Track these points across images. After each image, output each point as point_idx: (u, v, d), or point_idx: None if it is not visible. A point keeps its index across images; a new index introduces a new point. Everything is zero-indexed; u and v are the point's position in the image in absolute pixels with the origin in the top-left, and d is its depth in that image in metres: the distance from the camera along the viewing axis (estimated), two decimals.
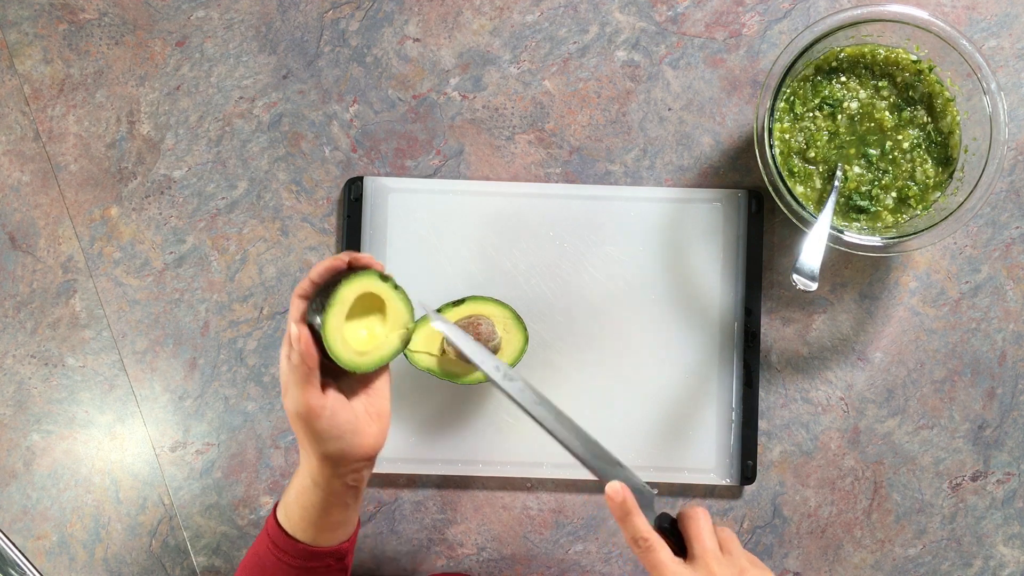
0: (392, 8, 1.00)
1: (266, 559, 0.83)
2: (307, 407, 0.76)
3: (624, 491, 0.76)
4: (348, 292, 0.79)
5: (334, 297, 0.78)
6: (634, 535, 0.76)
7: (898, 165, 0.94)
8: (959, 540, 0.99)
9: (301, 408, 0.77)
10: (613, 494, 0.76)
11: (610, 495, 0.76)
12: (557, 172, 1.00)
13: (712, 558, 0.75)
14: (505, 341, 0.95)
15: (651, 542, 0.75)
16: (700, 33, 1.00)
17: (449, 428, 0.98)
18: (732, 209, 0.99)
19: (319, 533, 0.81)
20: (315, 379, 0.77)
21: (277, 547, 0.82)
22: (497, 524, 1.00)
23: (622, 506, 0.76)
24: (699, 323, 0.99)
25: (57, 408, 1.00)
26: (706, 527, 0.77)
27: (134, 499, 1.00)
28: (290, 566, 0.81)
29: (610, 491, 0.76)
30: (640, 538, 0.76)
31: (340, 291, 0.78)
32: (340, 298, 0.78)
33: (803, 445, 0.99)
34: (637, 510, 0.76)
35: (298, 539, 0.81)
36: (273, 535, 0.82)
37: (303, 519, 0.81)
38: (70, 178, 1.00)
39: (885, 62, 0.94)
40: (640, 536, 0.76)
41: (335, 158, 1.00)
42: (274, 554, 0.82)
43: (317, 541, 0.81)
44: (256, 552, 0.84)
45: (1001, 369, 0.99)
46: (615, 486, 0.76)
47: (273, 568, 0.82)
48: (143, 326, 1.00)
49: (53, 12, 1.00)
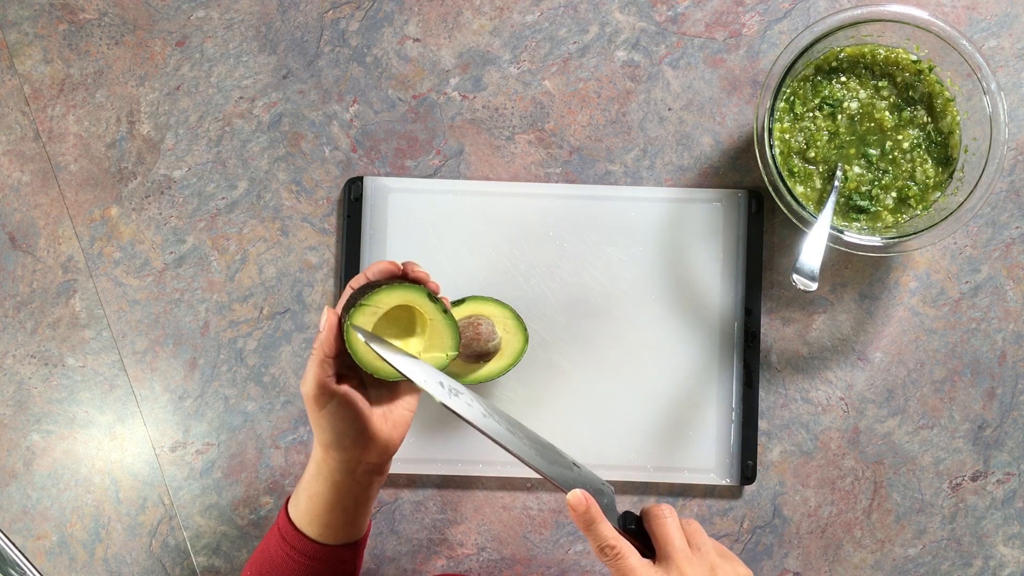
0: (392, 8, 1.00)
1: (274, 553, 0.83)
2: (314, 389, 0.77)
3: (587, 499, 0.74)
4: (387, 297, 0.79)
5: (370, 296, 0.78)
6: (600, 544, 0.73)
7: (898, 165, 0.94)
8: (959, 540, 0.99)
9: (308, 389, 0.78)
10: (576, 503, 0.74)
11: (572, 504, 0.74)
12: (557, 172, 1.00)
13: (683, 558, 0.73)
14: (505, 341, 0.95)
15: (619, 549, 0.73)
16: (700, 33, 1.00)
17: (449, 428, 0.98)
18: (732, 209, 0.99)
19: (324, 529, 0.81)
20: (328, 367, 0.77)
21: (284, 540, 0.82)
22: (497, 524, 1.00)
23: (585, 516, 0.74)
24: (699, 323, 0.99)
25: (57, 408, 1.00)
26: (673, 525, 0.75)
27: (134, 499, 1.00)
28: (296, 561, 0.82)
29: (572, 500, 0.74)
30: (607, 546, 0.73)
31: (379, 293, 0.79)
32: (376, 299, 0.78)
33: (803, 445, 0.99)
34: (602, 517, 0.74)
35: (305, 534, 0.81)
36: (282, 527, 0.82)
37: (309, 511, 0.81)
38: (70, 178, 1.00)
39: (885, 62, 0.94)
40: (607, 544, 0.73)
41: (335, 158, 1.00)
42: (281, 548, 0.82)
43: (323, 537, 0.81)
44: (266, 546, 0.84)
45: (1001, 369, 0.99)
46: (577, 495, 0.74)
47: (280, 563, 0.82)
48: (143, 326, 1.00)
49: (53, 12, 1.00)
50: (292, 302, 1.00)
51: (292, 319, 0.99)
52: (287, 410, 0.99)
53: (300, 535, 0.81)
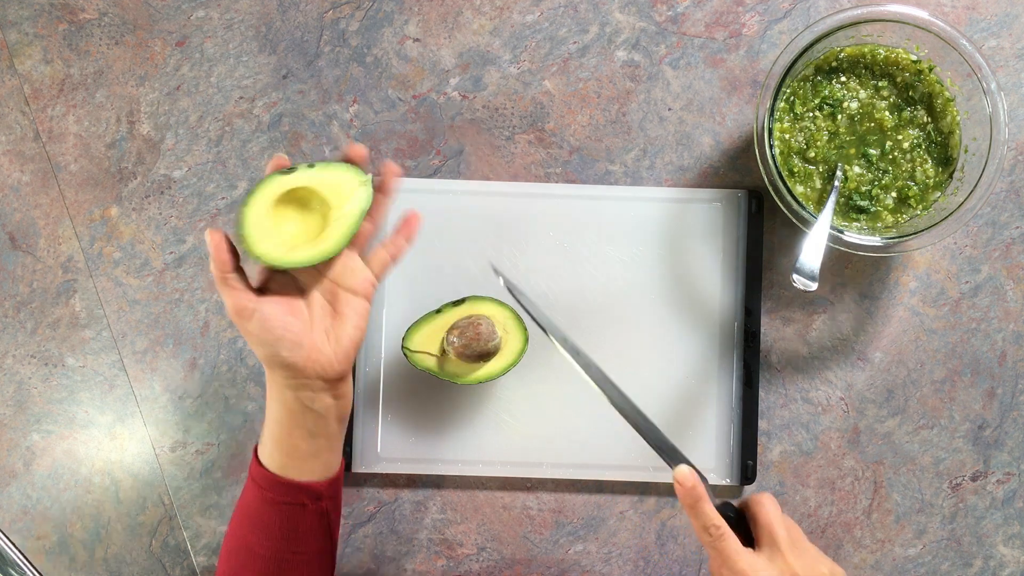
0: (392, 8, 1.00)
1: (248, 495, 0.81)
2: (232, 308, 0.76)
3: (693, 476, 0.74)
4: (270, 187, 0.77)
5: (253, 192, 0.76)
6: (705, 523, 0.73)
7: (898, 165, 0.94)
8: (959, 540, 0.99)
9: (229, 309, 0.77)
10: (683, 479, 0.74)
11: (679, 480, 0.74)
12: (557, 172, 1.00)
13: (787, 547, 0.72)
14: (505, 341, 0.95)
15: (723, 530, 0.73)
16: (700, 33, 1.00)
17: (449, 428, 0.98)
18: (732, 209, 0.99)
19: (287, 459, 0.79)
20: (236, 282, 0.77)
21: (252, 478, 0.80)
22: (497, 524, 1.00)
23: (692, 492, 0.73)
24: (699, 323, 0.99)
25: (57, 408, 1.00)
26: (776, 514, 0.74)
27: (134, 499, 1.00)
28: (265, 500, 0.80)
29: (679, 476, 0.74)
30: (712, 525, 0.73)
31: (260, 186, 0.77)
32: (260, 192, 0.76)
33: (803, 445, 0.99)
34: (707, 496, 0.74)
35: (267, 467, 0.80)
36: (251, 466, 0.81)
37: (269, 439, 0.80)
38: (70, 178, 1.00)
39: (885, 62, 0.94)
40: (712, 523, 0.73)
41: (335, 158, 1.00)
42: (251, 488, 0.80)
43: (286, 471, 0.79)
44: (243, 494, 0.83)
45: (1001, 369, 0.99)
46: (684, 471, 0.74)
47: (254, 505, 0.80)
48: (143, 326, 1.00)
49: (53, 12, 1.00)
50: None
51: None
52: None
53: (264, 469, 0.80)
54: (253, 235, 0.76)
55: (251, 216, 0.76)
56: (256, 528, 0.81)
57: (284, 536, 0.80)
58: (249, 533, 0.81)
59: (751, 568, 0.72)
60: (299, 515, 0.80)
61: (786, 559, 0.72)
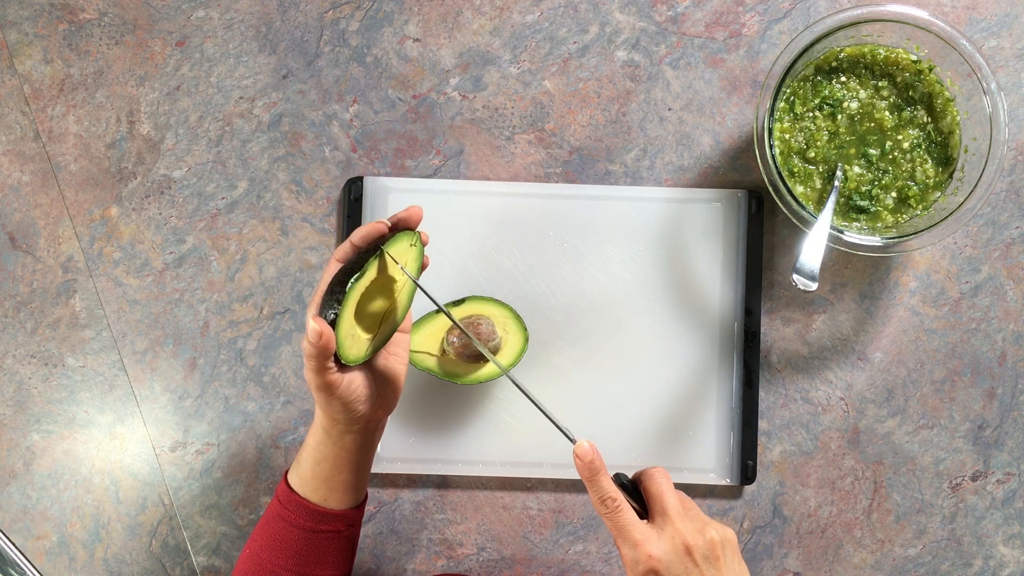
0: (392, 8, 1.00)
1: (275, 526, 0.83)
2: (324, 385, 0.78)
3: (593, 450, 0.76)
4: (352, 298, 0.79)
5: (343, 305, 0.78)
6: (602, 495, 0.75)
7: (898, 165, 0.94)
8: (959, 540, 0.99)
9: (319, 383, 0.78)
10: (582, 453, 0.76)
11: (579, 454, 0.76)
12: (557, 172, 1.00)
13: (676, 515, 0.75)
14: (505, 341, 0.95)
15: (619, 502, 0.75)
16: (700, 33, 1.00)
17: (449, 428, 0.98)
18: (732, 209, 0.99)
19: (330, 493, 0.82)
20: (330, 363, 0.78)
21: (287, 510, 0.82)
22: (497, 524, 1.00)
23: (591, 466, 0.76)
24: (699, 323, 0.99)
25: (57, 408, 1.00)
26: (668, 486, 0.77)
27: (134, 499, 1.00)
28: (299, 529, 0.82)
29: (579, 451, 0.76)
30: (608, 498, 0.75)
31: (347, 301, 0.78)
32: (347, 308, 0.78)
33: (803, 445, 0.99)
34: (605, 470, 0.76)
35: (308, 499, 0.82)
36: (283, 497, 0.83)
37: (315, 476, 0.82)
38: (70, 178, 1.00)
39: (885, 62, 0.94)
40: (608, 496, 0.75)
41: (335, 158, 1.00)
42: (283, 518, 0.82)
43: (328, 502, 0.82)
44: (265, 521, 0.84)
45: (1001, 369, 0.99)
46: (584, 446, 0.76)
47: (281, 535, 0.82)
48: (143, 326, 1.00)
49: (53, 12, 1.00)
50: (292, 302, 1.00)
51: (292, 319, 0.99)
52: (287, 410, 0.99)
53: (305, 502, 0.82)
54: (345, 344, 0.78)
55: (343, 331, 0.78)
56: (284, 553, 0.83)
57: (318, 561, 0.83)
58: (274, 557, 0.83)
59: (644, 538, 0.74)
60: (335, 541, 0.83)
61: (676, 526, 0.74)
